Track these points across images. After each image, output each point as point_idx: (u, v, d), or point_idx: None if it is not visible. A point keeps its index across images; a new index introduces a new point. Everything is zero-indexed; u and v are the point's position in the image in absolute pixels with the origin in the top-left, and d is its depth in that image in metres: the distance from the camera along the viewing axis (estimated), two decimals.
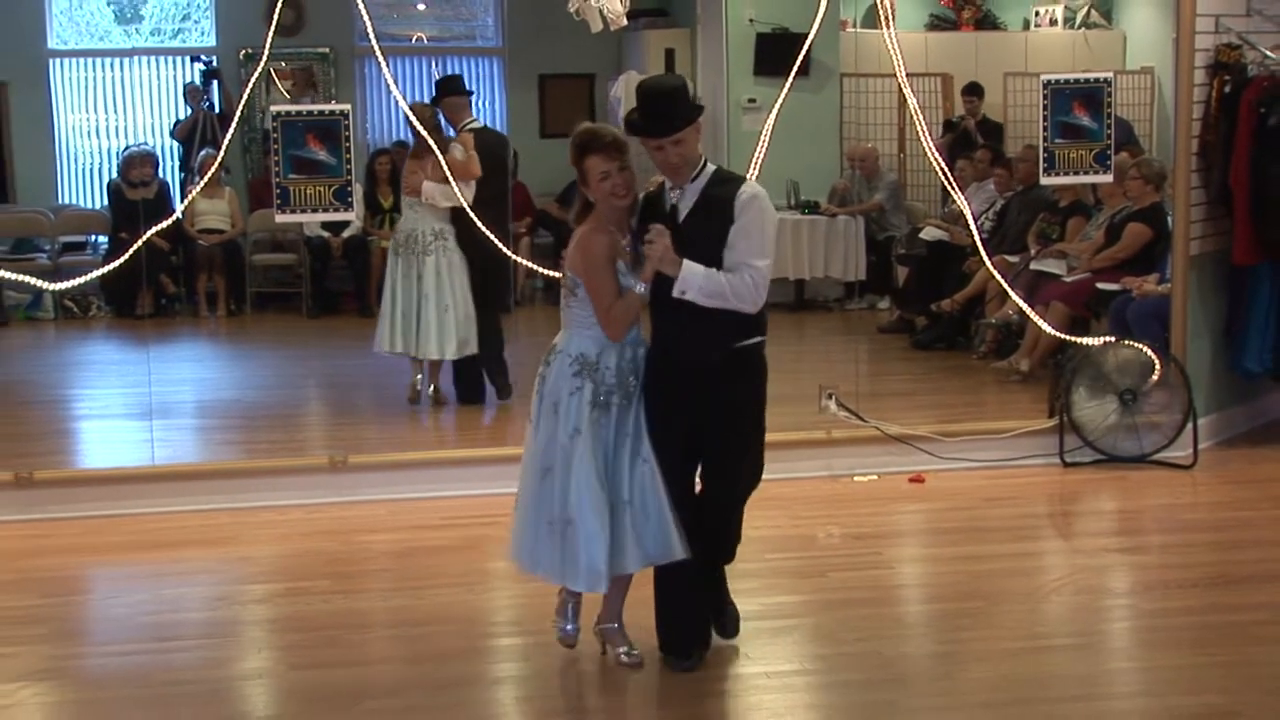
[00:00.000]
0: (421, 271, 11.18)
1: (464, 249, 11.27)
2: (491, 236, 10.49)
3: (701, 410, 6.70)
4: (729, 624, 7.11)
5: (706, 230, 6.52)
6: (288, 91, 15.35)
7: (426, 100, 11.33)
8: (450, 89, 11.68)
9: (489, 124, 15.29)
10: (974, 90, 15.22)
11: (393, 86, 10.25)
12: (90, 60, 17.89)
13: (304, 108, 10.33)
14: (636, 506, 6.66)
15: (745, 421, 6.85)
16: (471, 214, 10.36)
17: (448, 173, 10.40)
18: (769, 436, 6.80)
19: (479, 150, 11.02)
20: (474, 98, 15.13)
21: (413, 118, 10.68)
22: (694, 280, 6.41)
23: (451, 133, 11.03)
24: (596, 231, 6.55)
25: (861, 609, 7.67)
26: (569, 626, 6.93)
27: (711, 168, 6.65)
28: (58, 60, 17.70)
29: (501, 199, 11.47)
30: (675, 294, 6.44)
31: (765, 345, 6.76)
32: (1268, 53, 10.23)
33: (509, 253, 11.24)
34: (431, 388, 11.58)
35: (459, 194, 10.64)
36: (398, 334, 11.29)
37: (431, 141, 10.39)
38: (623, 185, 6.46)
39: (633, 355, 6.70)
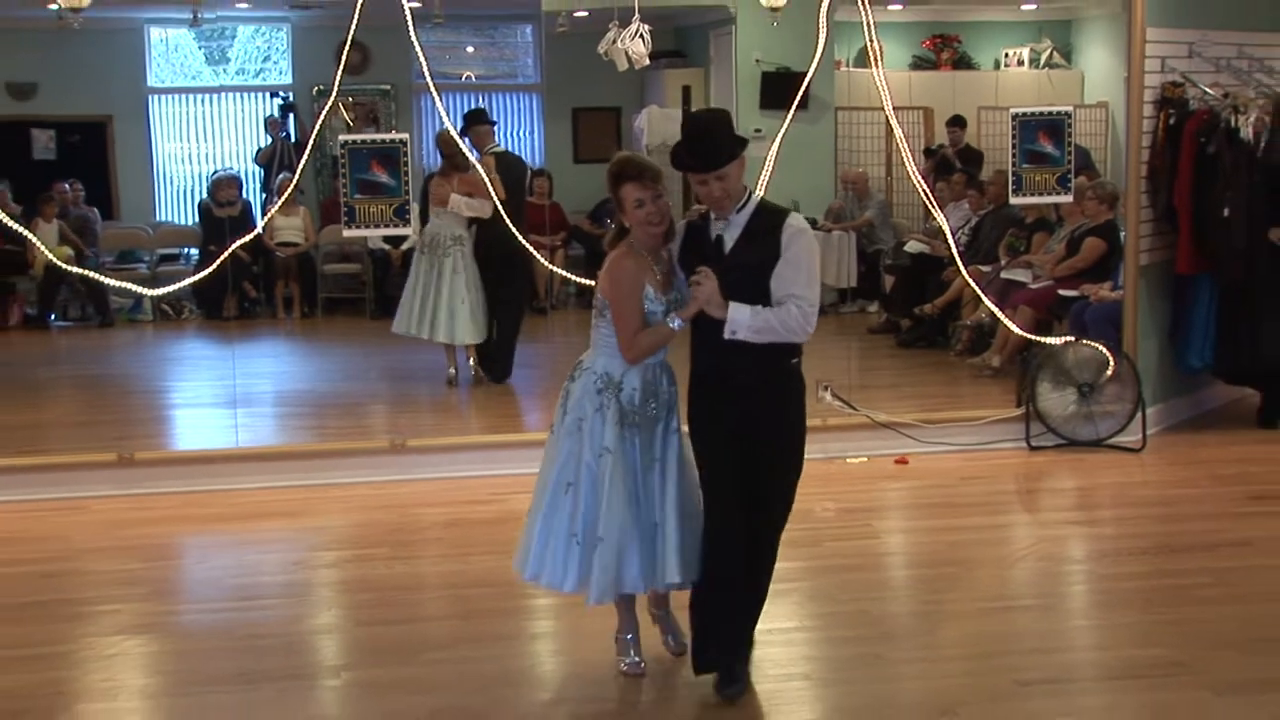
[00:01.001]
0: (441, 269, 11.51)
1: (481, 252, 11.59)
2: (520, 238, 10.65)
3: (747, 427, 6.12)
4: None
5: (752, 261, 6.03)
6: (353, 123, 15.38)
7: (457, 128, 11.45)
8: (476, 120, 11.91)
9: (525, 150, 15.43)
10: (957, 122, 15.21)
11: (445, 118, 10.25)
12: (183, 96, 17.93)
13: (368, 137, 10.37)
14: (670, 528, 6.17)
15: (791, 438, 6.25)
16: (507, 222, 10.56)
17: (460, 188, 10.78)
18: None
19: (500, 170, 11.22)
20: (503, 127, 15.29)
21: (460, 141, 10.84)
22: (742, 320, 5.90)
23: (477, 156, 11.14)
24: (626, 258, 6.14)
25: (852, 574, 7.73)
26: (635, 659, 6.41)
27: (757, 197, 6.14)
28: (156, 96, 17.75)
29: (519, 211, 11.60)
30: (726, 335, 5.93)
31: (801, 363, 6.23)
32: (1206, 89, 10.26)
33: (542, 260, 11.41)
34: (473, 368, 11.90)
35: (478, 207, 10.91)
36: (413, 319, 11.62)
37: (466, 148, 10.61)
38: (657, 213, 6.04)
39: (654, 377, 6.23)
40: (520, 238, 10.69)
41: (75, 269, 12.14)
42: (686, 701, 6.10)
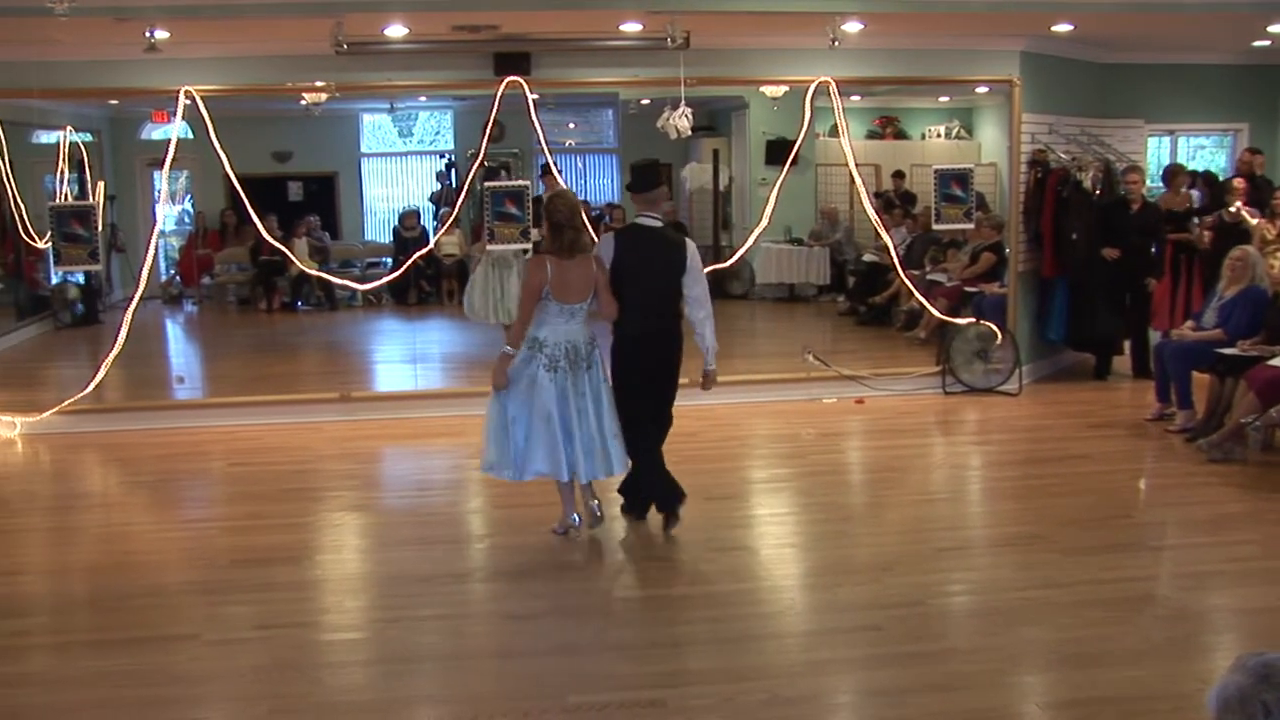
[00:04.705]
0: (505, 279, 10.63)
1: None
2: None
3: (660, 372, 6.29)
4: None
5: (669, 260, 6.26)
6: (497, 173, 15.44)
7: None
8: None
9: (605, 193, 15.34)
10: (898, 174, 15.14)
11: (553, 169, 10.26)
12: (383, 158, 18.10)
13: (503, 183, 10.40)
14: (587, 439, 6.05)
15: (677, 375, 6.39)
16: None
17: None
18: (774, 375, 6.57)
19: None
20: (593, 177, 15.14)
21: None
22: (714, 348, 6.38)
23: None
24: (539, 264, 6.00)
25: (825, 477, 7.74)
26: (572, 519, 6.36)
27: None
28: (366, 158, 17.93)
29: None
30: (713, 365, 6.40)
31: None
32: (1061, 155, 10.20)
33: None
34: None
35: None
36: (476, 306, 10.79)
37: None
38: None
39: (567, 341, 6.00)
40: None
41: (315, 272, 12.25)
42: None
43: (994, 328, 10.02)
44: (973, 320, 10.22)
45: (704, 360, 6.44)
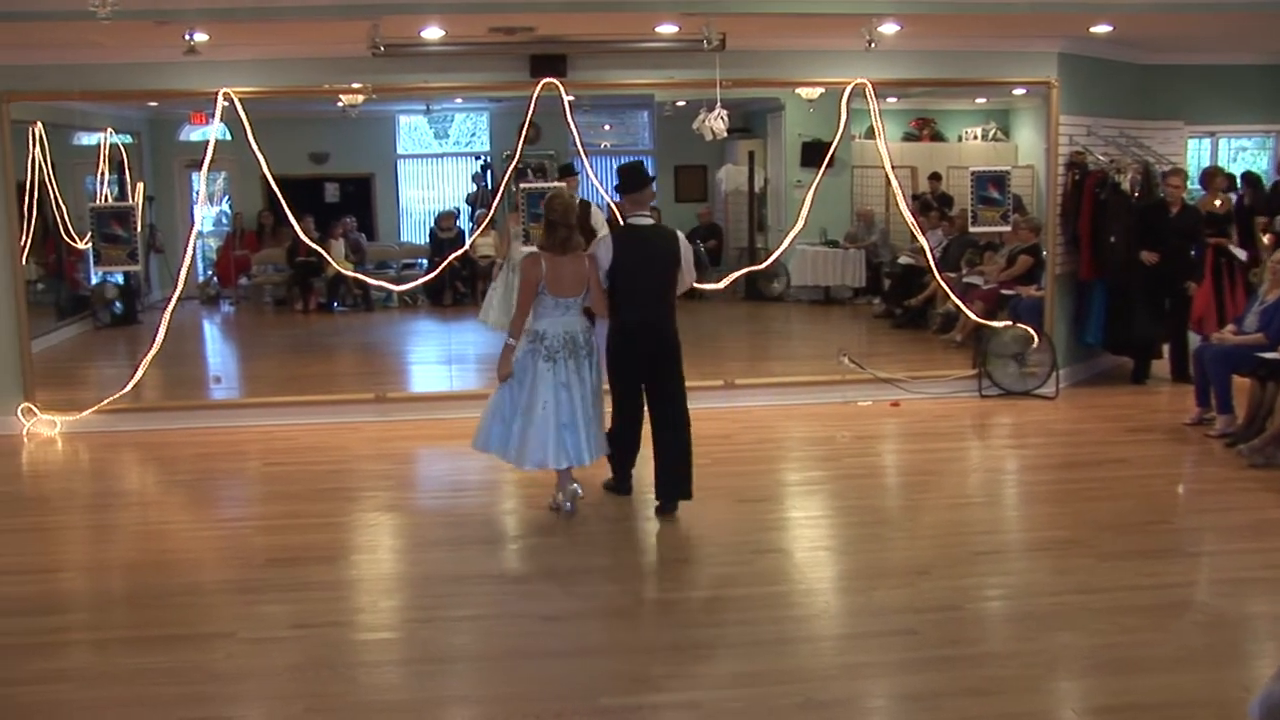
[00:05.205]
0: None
1: None
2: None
3: (658, 361, 6.64)
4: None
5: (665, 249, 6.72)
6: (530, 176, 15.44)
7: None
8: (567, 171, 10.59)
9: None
10: (934, 177, 15.04)
11: (589, 172, 10.27)
12: (419, 160, 18.06)
13: (539, 185, 10.41)
14: (573, 425, 6.50)
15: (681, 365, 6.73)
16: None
17: None
18: (809, 377, 6.58)
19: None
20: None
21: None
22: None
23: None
24: (535, 260, 6.52)
25: (860, 480, 7.69)
26: (566, 504, 6.78)
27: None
28: (402, 160, 17.89)
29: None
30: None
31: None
32: (1099, 157, 10.12)
33: None
34: None
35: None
36: (495, 317, 10.54)
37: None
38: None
39: (564, 332, 6.50)
40: None
41: (351, 273, 12.31)
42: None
43: (1031, 331, 9.95)
44: (1009, 323, 10.16)
45: None
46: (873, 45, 8.64)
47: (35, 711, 4.55)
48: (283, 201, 9.48)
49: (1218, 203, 10.73)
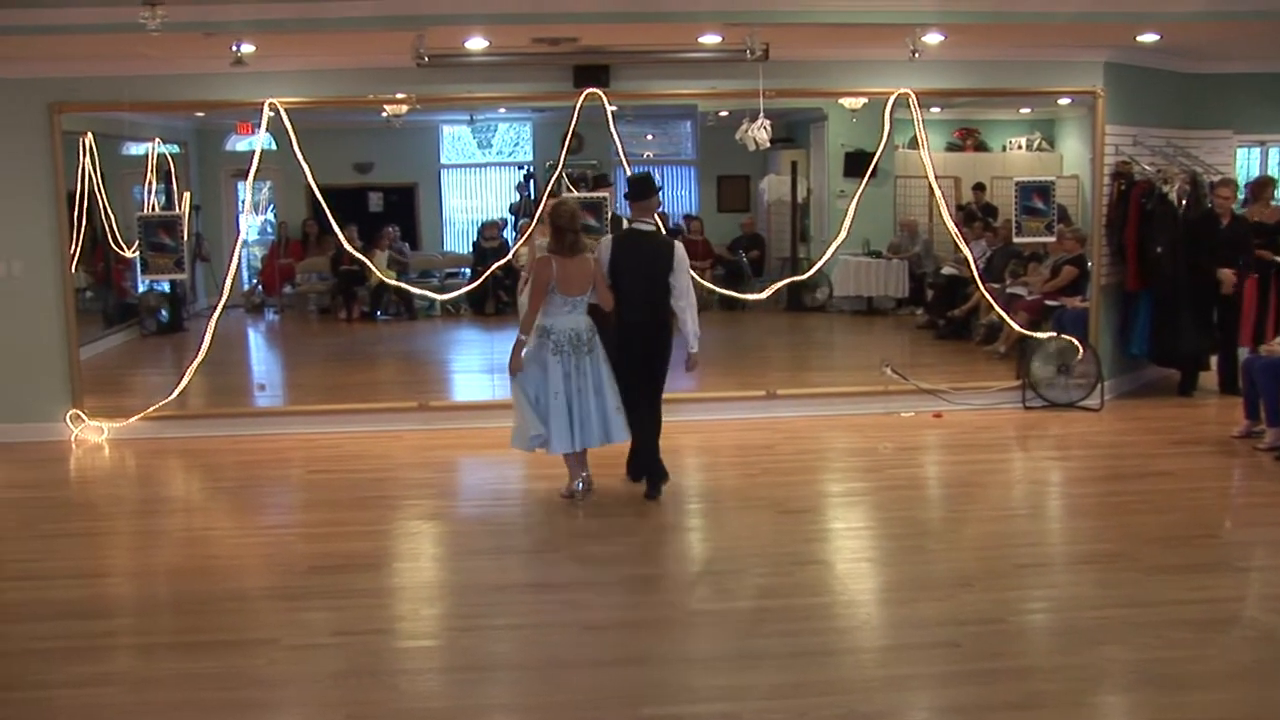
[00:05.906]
0: None
1: None
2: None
3: (654, 350, 7.21)
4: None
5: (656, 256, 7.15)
6: (572, 186, 15.49)
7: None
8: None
9: (684, 204, 15.27)
10: (978, 187, 14.99)
11: (613, 179, 10.27)
12: (463, 169, 18.21)
13: (581, 195, 10.43)
14: (585, 412, 6.99)
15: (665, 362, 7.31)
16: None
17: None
18: (851, 388, 6.60)
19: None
20: (670, 189, 15.08)
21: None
22: (698, 335, 7.26)
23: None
24: (545, 262, 6.96)
25: (902, 491, 7.64)
26: (576, 485, 7.28)
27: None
28: (445, 170, 18.05)
29: None
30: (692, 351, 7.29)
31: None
32: (1145, 167, 10.05)
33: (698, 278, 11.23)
34: None
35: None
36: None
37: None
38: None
39: (570, 329, 6.96)
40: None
41: (395, 282, 12.38)
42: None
43: (1075, 342, 9.87)
44: (1054, 334, 10.08)
45: (687, 345, 7.29)
46: (916, 55, 8.62)
47: (80, 714, 4.61)
48: (327, 211, 9.55)
49: (1269, 211, 10.60)
